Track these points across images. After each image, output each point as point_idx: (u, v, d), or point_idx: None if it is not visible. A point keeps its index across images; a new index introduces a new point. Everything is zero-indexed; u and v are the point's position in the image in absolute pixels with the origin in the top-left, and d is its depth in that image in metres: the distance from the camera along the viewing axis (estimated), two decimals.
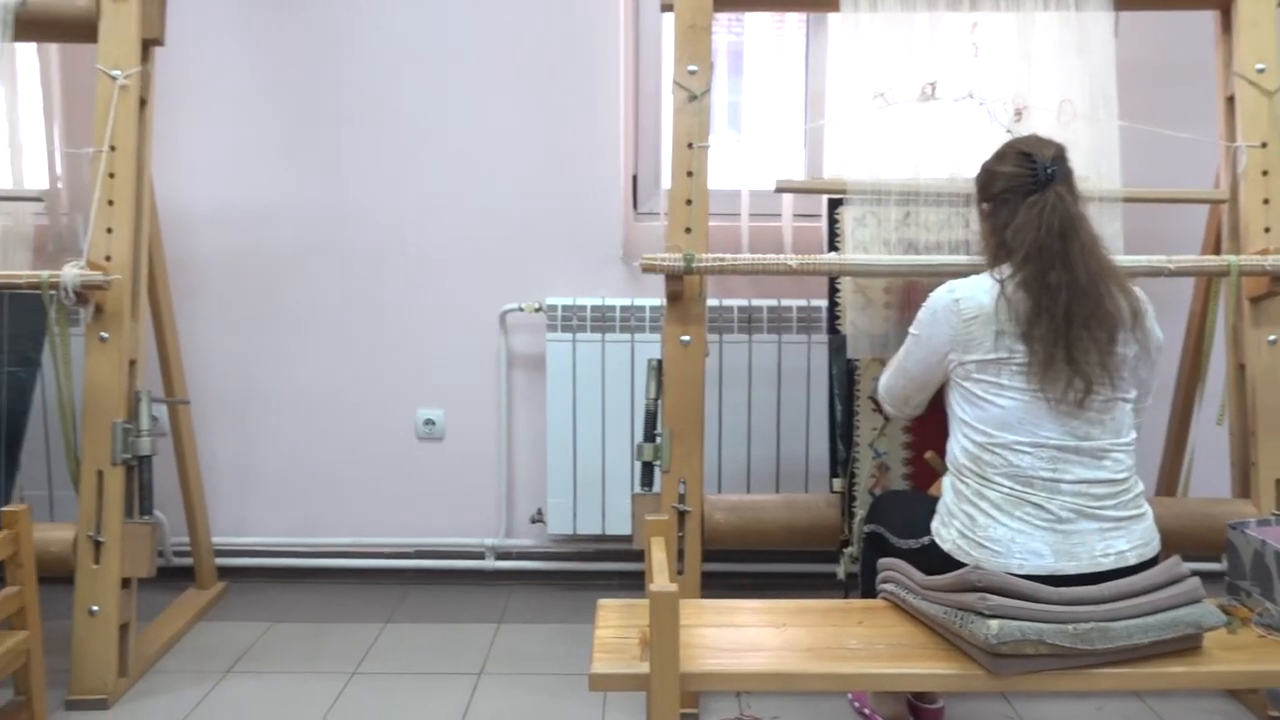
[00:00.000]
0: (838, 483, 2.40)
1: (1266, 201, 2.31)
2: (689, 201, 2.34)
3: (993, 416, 1.78)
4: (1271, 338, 2.30)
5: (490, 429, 2.99)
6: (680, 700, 1.58)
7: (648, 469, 2.34)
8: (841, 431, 2.39)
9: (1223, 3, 2.42)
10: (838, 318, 2.39)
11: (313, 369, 2.98)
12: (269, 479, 3.02)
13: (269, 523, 3.03)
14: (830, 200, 2.44)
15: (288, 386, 2.98)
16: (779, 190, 2.48)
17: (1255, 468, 2.29)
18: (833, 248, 2.41)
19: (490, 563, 3.02)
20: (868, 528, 2.10)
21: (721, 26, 2.76)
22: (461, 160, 2.90)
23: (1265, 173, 2.32)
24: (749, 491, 2.85)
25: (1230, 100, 2.40)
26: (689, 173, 2.35)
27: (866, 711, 2.17)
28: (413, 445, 3.00)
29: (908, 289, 2.33)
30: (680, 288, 2.29)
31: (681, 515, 2.30)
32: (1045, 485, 1.74)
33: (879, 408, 2.27)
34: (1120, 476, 1.76)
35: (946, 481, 1.87)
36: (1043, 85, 2.37)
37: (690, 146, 2.35)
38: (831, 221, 2.43)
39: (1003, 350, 1.78)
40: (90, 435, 2.32)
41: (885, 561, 1.92)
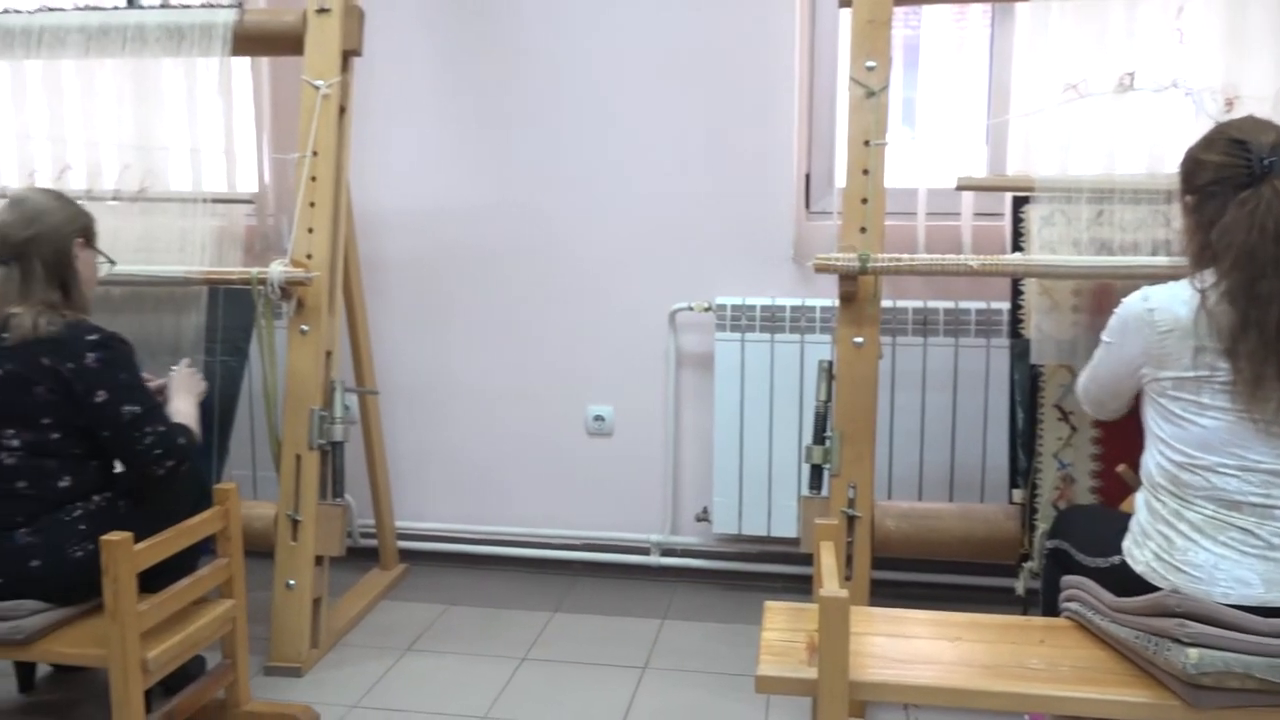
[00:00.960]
0: (1018, 494, 2.30)
1: None
2: (864, 200, 2.29)
3: (1193, 437, 1.64)
4: None
5: (658, 426, 3.02)
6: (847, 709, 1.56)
7: (816, 472, 2.31)
8: (1023, 440, 2.28)
9: None
10: (1021, 321, 2.28)
11: (490, 364, 3.09)
12: (448, 468, 3.16)
13: (447, 509, 3.18)
14: (1015, 198, 2.34)
15: (467, 380, 3.11)
16: (960, 188, 2.40)
17: None
18: (1017, 248, 2.31)
19: (655, 559, 3.06)
20: (1050, 543, 1.99)
21: (898, 20, 2.69)
22: (634, 160, 2.94)
23: None
24: (920, 499, 2.76)
25: None
26: (865, 171, 2.30)
27: None
28: (583, 440, 3.08)
29: (1099, 292, 2.20)
30: (854, 288, 2.25)
31: (851, 520, 2.26)
32: (1255, 510, 1.59)
33: (1065, 416, 2.16)
34: None
35: (1140, 498, 1.75)
36: (1257, 72, 2.18)
37: (866, 144, 2.30)
38: (1016, 220, 2.33)
39: (1203, 368, 1.63)
40: (290, 421, 2.49)
41: (1070, 579, 1.82)
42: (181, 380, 2.26)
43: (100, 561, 1.81)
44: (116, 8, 2.62)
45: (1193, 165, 1.74)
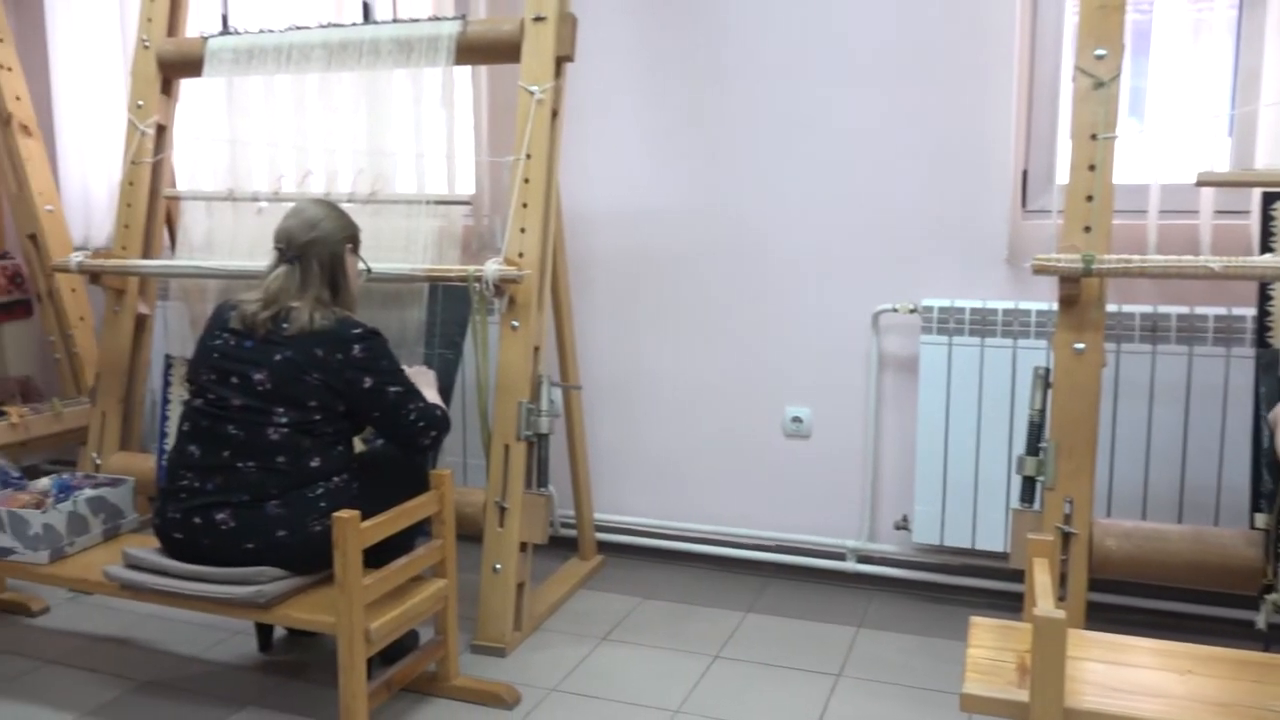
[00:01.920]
0: (1261, 518, 2.10)
1: None
2: (1089, 198, 2.16)
3: None
4: None
5: (857, 430, 2.96)
6: None
7: (1029, 484, 2.20)
8: (1268, 460, 2.08)
9: None
10: (1269, 329, 2.09)
11: (689, 362, 3.13)
12: (645, 463, 3.22)
13: (643, 504, 3.24)
14: (1265, 194, 2.14)
15: (666, 378, 3.16)
16: (1201, 184, 2.21)
17: None
18: (1266, 248, 2.11)
19: (851, 565, 3.00)
20: None
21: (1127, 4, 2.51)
22: (839, 157, 2.89)
23: None
24: (1144, 518, 2.57)
25: None
26: (1090, 166, 2.17)
27: None
28: (779, 441, 3.06)
29: None
30: (1076, 291, 2.12)
31: (1066, 537, 2.13)
32: None
33: None
34: None
35: None
36: None
37: (1094, 138, 2.17)
38: (1266, 219, 2.13)
39: None
40: (500, 413, 2.61)
41: None
42: (418, 375, 2.49)
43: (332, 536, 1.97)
44: (354, 24, 2.83)
45: None
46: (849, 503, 3.00)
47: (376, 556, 2.12)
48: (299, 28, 2.87)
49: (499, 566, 2.55)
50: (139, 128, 3.08)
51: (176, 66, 3.07)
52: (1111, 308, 2.47)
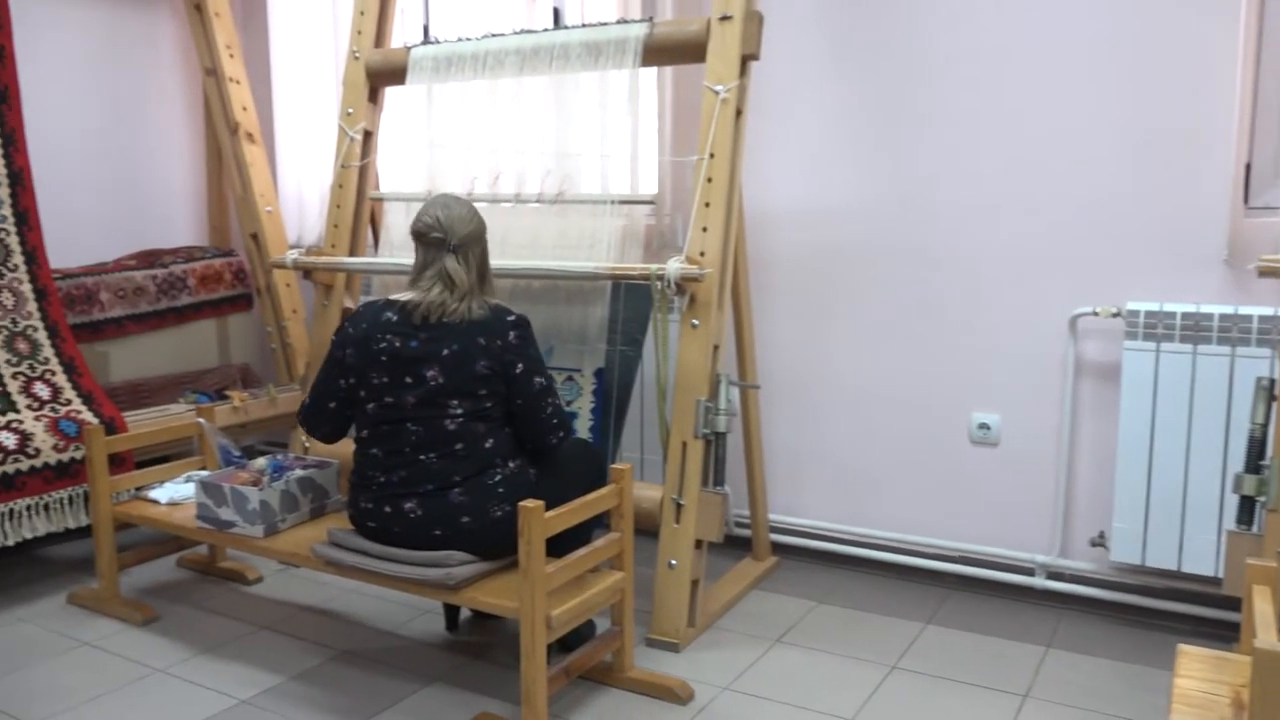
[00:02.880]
0: None
1: None
2: None
3: None
4: None
5: (1050, 439, 2.81)
6: None
7: (1247, 504, 2.03)
8: None
9: None
10: None
11: (871, 364, 3.06)
12: (822, 465, 3.17)
13: (819, 506, 3.19)
14: None
15: (846, 379, 3.10)
16: None
17: None
18: None
19: (1040, 580, 2.85)
20: None
21: None
22: (1036, 154, 2.76)
23: None
24: None
25: None
26: None
27: None
28: (965, 448, 2.94)
29: None
30: None
31: None
32: None
33: None
34: None
35: None
36: None
37: None
38: None
39: None
40: (678, 410, 2.63)
41: None
42: None
43: (514, 523, 2.04)
44: (546, 29, 2.92)
45: None
46: (1039, 516, 2.85)
47: (555, 546, 2.18)
48: (494, 35, 2.99)
49: (674, 562, 2.58)
50: (348, 134, 3.29)
51: (383, 75, 3.27)
52: None
